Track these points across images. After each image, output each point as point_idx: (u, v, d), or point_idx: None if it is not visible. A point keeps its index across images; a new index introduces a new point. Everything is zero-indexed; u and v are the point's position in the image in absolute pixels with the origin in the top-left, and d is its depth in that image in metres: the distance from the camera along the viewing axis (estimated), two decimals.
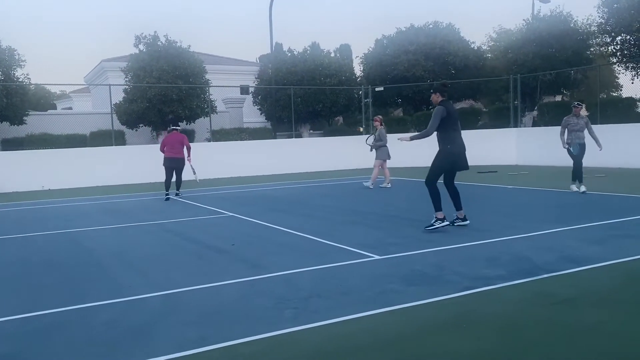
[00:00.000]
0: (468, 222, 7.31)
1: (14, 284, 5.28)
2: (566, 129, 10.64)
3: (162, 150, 12.02)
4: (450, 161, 7.13)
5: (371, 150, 13.27)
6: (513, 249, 5.87)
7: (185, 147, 11.93)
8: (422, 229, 7.11)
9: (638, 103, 19.20)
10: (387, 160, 13.18)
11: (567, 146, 10.63)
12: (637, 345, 3.28)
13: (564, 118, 10.77)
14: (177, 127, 12.26)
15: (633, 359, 3.09)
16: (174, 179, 12.08)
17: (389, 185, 13.05)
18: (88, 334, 3.78)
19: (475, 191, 11.78)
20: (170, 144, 11.85)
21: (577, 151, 10.51)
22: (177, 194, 12.44)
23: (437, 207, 7.11)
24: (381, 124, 13.13)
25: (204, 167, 18.40)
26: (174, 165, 11.90)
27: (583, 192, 10.35)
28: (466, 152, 7.18)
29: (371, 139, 13.46)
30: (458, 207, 7.33)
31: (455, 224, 7.27)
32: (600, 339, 3.39)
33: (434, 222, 7.08)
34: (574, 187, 10.67)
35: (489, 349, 3.30)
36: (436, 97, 7.15)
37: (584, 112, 10.67)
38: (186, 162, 11.98)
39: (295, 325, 3.78)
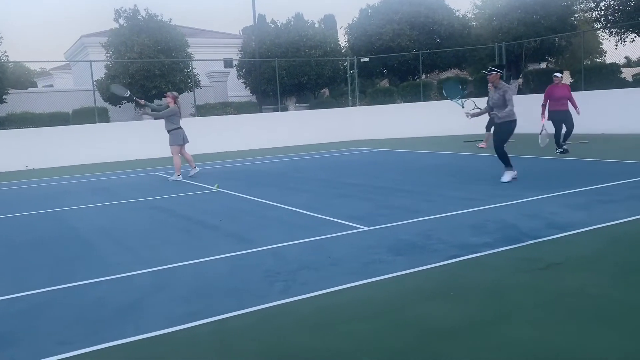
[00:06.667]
0: None
1: None
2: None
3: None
4: None
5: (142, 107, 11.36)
6: (498, 217, 5.93)
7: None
8: (410, 200, 7.13)
9: (622, 69, 19.27)
10: (185, 145, 11.33)
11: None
12: (621, 307, 3.35)
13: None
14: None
15: (617, 321, 3.16)
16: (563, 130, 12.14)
17: (197, 170, 11.53)
18: (77, 313, 3.78)
19: (460, 160, 11.83)
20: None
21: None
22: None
23: None
24: (175, 102, 10.96)
25: (189, 143, 18.33)
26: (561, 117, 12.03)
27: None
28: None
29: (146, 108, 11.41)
30: None
31: None
32: (585, 303, 3.46)
33: None
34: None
35: (476, 315, 3.36)
36: None
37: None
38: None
39: (285, 297, 3.81)
